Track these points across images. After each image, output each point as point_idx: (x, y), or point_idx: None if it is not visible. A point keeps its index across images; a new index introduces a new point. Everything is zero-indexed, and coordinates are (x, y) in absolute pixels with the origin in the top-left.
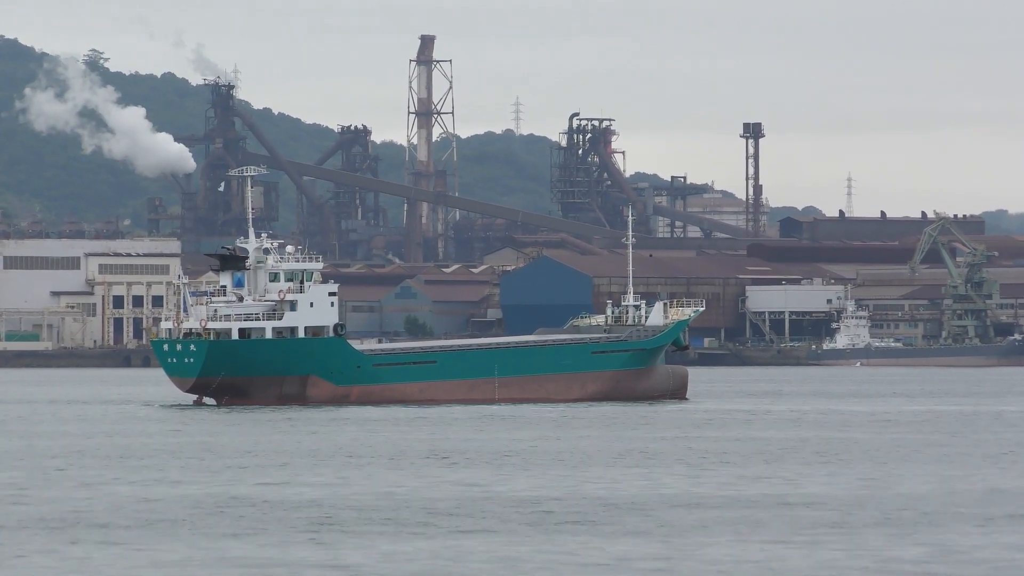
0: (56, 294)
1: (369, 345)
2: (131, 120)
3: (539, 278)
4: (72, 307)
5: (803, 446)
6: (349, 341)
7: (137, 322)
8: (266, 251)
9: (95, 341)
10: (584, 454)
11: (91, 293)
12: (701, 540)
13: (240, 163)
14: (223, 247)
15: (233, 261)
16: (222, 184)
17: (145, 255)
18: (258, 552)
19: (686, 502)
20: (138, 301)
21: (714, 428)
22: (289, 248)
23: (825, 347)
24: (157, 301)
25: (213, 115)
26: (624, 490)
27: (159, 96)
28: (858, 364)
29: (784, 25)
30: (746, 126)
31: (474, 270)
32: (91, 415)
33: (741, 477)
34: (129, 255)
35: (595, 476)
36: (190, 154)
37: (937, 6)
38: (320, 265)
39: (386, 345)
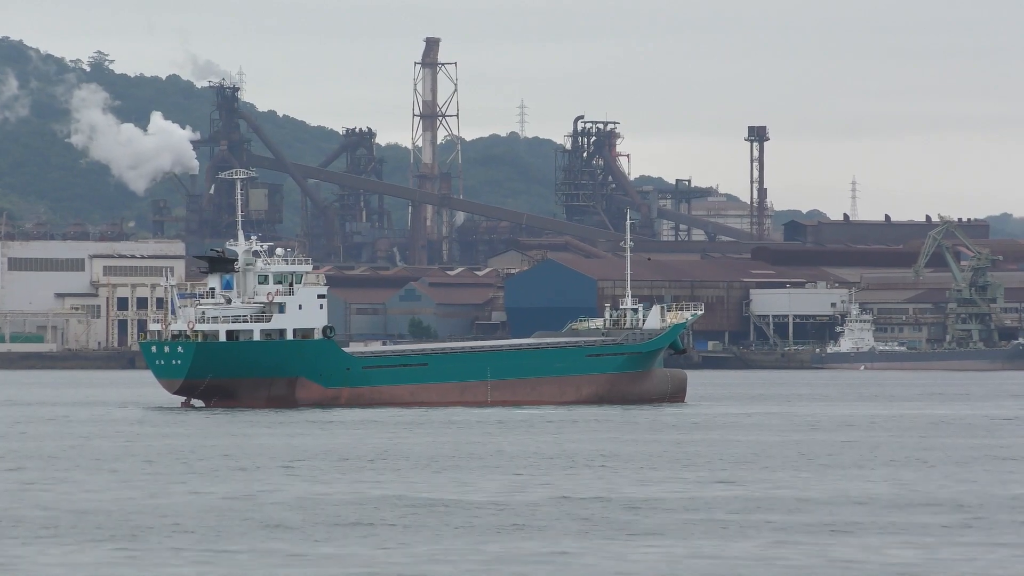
0: (60, 296)
1: (374, 348)
2: (93, 113)
3: (543, 281)
4: (76, 309)
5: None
6: (353, 343)
7: (141, 324)
8: (255, 253)
9: (99, 343)
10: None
11: (95, 295)
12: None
13: (244, 165)
14: (212, 249)
15: (222, 263)
16: (211, 187)
17: (149, 257)
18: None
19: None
20: (142, 303)
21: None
22: (279, 251)
23: (829, 351)
24: (161, 303)
25: (218, 117)
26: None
27: (164, 98)
28: (862, 368)
29: (789, 28)
30: (751, 129)
31: (478, 273)
32: (55, 416)
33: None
34: (133, 257)
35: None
36: (188, 140)
37: (943, 10)
38: (309, 267)
39: (378, 348)
